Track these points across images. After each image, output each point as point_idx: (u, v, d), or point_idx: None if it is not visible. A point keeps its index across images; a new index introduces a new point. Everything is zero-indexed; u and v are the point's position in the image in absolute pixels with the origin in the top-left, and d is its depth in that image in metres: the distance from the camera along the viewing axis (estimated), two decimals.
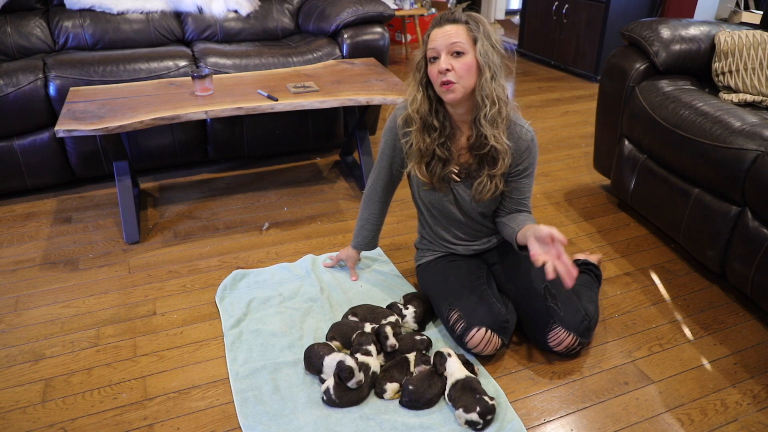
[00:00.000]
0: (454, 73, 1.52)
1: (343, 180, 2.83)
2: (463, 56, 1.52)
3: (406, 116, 1.70)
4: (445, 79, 1.53)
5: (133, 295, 1.99)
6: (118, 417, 1.51)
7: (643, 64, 2.32)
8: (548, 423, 1.50)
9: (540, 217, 2.49)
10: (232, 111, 2.19)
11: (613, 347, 1.75)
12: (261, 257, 2.20)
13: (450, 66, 1.52)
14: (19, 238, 2.34)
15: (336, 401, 1.50)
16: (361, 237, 1.98)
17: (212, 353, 1.73)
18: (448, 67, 1.52)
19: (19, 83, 2.42)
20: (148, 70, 2.62)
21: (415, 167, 1.71)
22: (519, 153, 1.66)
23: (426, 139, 1.66)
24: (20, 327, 1.84)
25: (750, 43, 2.23)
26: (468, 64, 1.53)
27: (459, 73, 1.52)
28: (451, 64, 1.52)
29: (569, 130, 3.49)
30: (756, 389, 1.60)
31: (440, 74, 1.53)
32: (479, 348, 1.63)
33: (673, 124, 2.07)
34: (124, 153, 2.31)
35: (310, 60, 2.82)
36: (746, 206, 1.84)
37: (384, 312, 1.80)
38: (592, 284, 1.90)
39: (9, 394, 1.58)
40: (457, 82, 1.53)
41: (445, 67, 1.52)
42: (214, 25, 3.11)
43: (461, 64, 1.52)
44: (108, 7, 2.97)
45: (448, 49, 1.52)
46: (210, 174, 2.89)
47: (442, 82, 1.54)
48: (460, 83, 1.53)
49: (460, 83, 1.53)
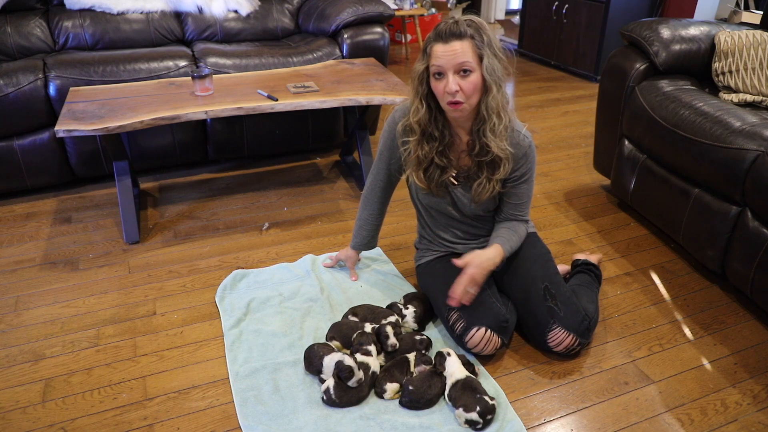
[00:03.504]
0: (462, 93, 1.52)
1: (343, 180, 2.83)
2: (470, 74, 1.51)
3: (405, 124, 1.69)
4: (454, 100, 1.52)
5: (133, 295, 1.99)
6: (118, 417, 1.51)
7: (643, 64, 2.32)
8: (548, 423, 1.50)
9: (540, 217, 2.49)
10: (232, 111, 2.19)
11: (613, 347, 1.75)
12: (261, 257, 2.20)
13: (458, 86, 1.51)
14: (19, 238, 2.34)
15: (336, 401, 1.50)
16: (360, 237, 1.98)
17: (212, 353, 1.73)
18: (457, 89, 1.51)
19: (19, 83, 2.42)
20: (148, 70, 2.62)
21: (413, 174, 1.71)
22: (516, 159, 1.66)
23: (425, 147, 1.66)
24: (20, 327, 1.84)
25: (750, 43, 2.23)
26: (475, 83, 1.52)
27: (467, 92, 1.52)
28: (459, 84, 1.51)
29: (569, 130, 3.49)
30: (756, 389, 1.60)
31: (448, 94, 1.53)
32: (479, 348, 1.63)
33: (673, 124, 2.07)
34: (124, 153, 2.31)
35: (310, 60, 2.82)
36: (746, 206, 1.84)
37: (384, 312, 1.80)
38: (592, 284, 1.90)
39: (9, 394, 1.58)
40: (465, 102, 1.53)
41: (454, 88, 1.50)
42: (214, 25, 3.11)
43: (468, 83, 1.51)
44: (108, 7, 2.97)
45: (456, 68, 1.50)
46: (210, 174, 2.89)
47: (450, 102, 1.53)
48: (467, 102, 1.54)
49: (467, 102, 1.54)
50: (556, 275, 1.74)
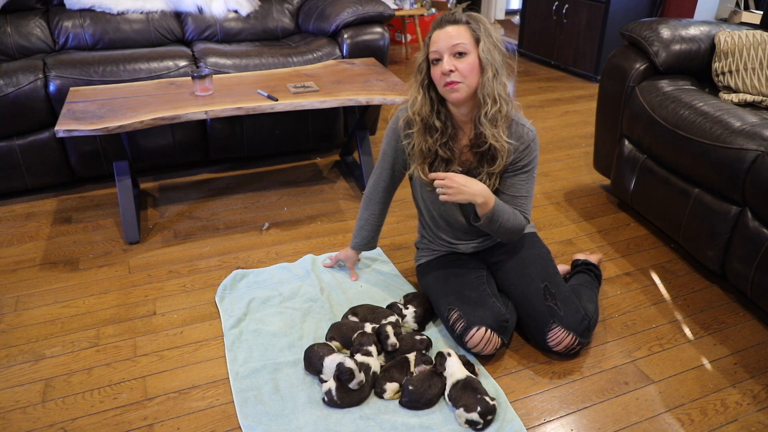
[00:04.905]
0: (458, 73, 1.52)
1: (343, 180, 2.83)
2: (466, 56, 1.52)
3: (407, 118, 1.69)
4: (450, 80, 1.53)
5: (133, 295, 1.99)
6: (118, 417, 1.51)
7: (643, 64, 2.32)
8: (548, 423, 1.50)
9: (540, 217, 2.49)
10: (232, 111, 2.19)
11: (613, 347, 1.75)
12: (261, 257, 2.20)
13: (453, 67, 1.52)
14: (19, 238, 2.34)
15: (338, 402, 1.50)
16: (360, 237, 1.98)
17: (212, 353, 1.73)
18: (452, 69, 1.52)
19: (19, 83, 2.42)
20: (148, 70, 2.62)
21: (418, 168, 1.71)
22: (519, 152, 1.66)
23: (428, 139, 1.66)
24: (20, 327, 1.84)
25: (750, 43, 2.23)
26: (471, 64, 1.53)
27: (463, 72, 1.53)
28: (455, 64, 1.52)
29: (569, 130, 3.49)
30: (756, 389, 1.60)
31: (444, 76, 1.53)
32: (479, 348, 1.63)
33: (673, 124, 2.07)
34: (124, 153, 2.31)
35: (310, 60, 2.82)
36: (746, 206, 1.84)
37: (384, 312, 1.80)
38: (592, 284, 1.90)
39: (9, 394, 1.58)
40: (462, 82, 1.53)
41: (448, 68, 1.52)
42: (214, 25, 3.11)
43: (465, 64, 1.52)
44: (108, 7, 2.97)
45: (451, 50, 1.52)
46: (210, 174, 2.89)
47: (446, 83, 1.54)
48: (464, 82, 1.53)
49: (464, 82, 1.53)
50: (556, 275, 1.75)
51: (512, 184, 1.69)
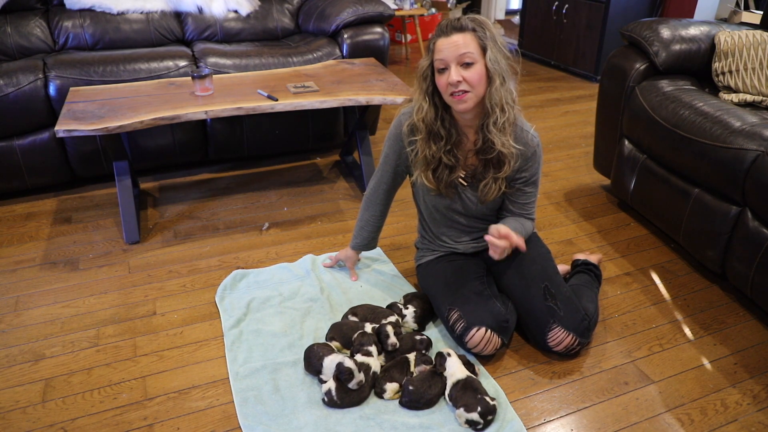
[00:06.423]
0: (465, 83, 1.51)
1: (343, 180, 2.83)
2: (474, 66, 1.51)
3: (411, 124, 1.69)
4: (457, 90, 1.52)
5: (133, 295, 1.99)
6: (118, 417, 1.51)
7: (643, 64, 2.32)
8: (548, 423, 1.50)
9: (540, 217, 2.49)
10: (232, 111, 2.19)
11: (613, 347, 1.75)
12: (261, 257, 2.20)
13: (461, 77, 1.50)
14: (19, 238, 2.34)
15: (338, 402, 1.50)
16: (361, 238, 1.98)
17: (212, 353, 1.73)
18: (459, 79, 1.50)
19: (19, 83, 2.42)
20: (148, 70, 2.62)
21: (422, 175, 1.70)
22: (525, 159, 1.66)
23: (432, 147, 1.65)
24: (20, 327, 1.84)
25: (750, 43, 2.23)
26: (479, 74, 1.52)
27: (471, 82, 1.51)
28: (462, 75, 1.51)
29: (569, 130, 3.49)
30: (756, 389, 1.60)
31: (450, 86, 1.52)
32: (479, 348, 1.63)
33: (673, 124, 2.07)
34: (124, 153, 2.31)
35: (310, 60, 2.82)
36: (746, 206, 1.84)
37: (384, 312, 1.80)
38: (592, 284, 1.90)
39: (9, 394, 1.58)
40: (469, 92, 1.52)
41: (456, 79, 1.50)
42: (214, 25, 3.11)
43: (472, 74, 1.51)
44: (108, 7, 2.97)
45: (458, 60, 1.50)
46: (210, 174, 2.90)
47: (453, 93, 1.53)
48: (472, 92, 1.53)
49: (472, 92, 1.53)
50: (556, 275, 1.75)
51: (522, 194, 1.72)
